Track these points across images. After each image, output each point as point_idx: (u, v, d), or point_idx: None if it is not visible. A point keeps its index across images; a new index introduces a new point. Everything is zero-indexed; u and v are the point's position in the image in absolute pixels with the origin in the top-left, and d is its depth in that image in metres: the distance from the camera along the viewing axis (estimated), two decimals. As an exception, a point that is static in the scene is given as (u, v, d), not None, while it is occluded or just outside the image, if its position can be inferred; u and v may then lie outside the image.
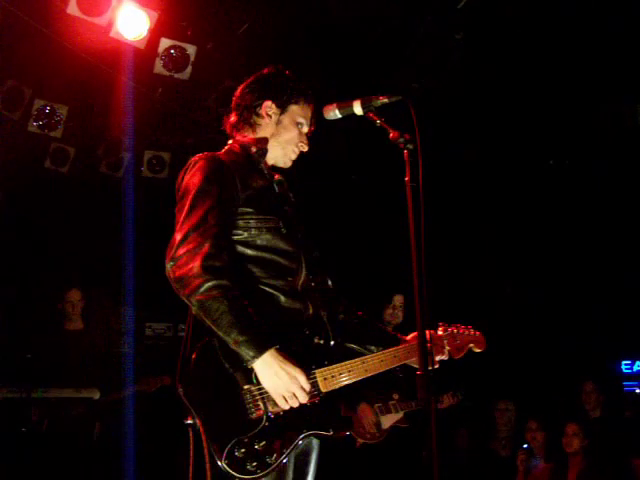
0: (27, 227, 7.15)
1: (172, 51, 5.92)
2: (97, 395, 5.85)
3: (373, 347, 3.03)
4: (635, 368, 8.36)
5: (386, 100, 2.71)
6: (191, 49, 5.96)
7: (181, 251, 2.59)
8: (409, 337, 3.09)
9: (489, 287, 8.09)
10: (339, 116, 2.82)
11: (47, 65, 6.05)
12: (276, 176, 3.01)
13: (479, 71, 6.19)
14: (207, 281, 2.53)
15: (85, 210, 7.28)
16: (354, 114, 2.77)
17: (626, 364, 8.41)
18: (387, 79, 6.05)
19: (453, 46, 5.86)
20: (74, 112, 6.68)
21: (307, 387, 2.58)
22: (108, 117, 6.70)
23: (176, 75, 6.04)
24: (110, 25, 5.51)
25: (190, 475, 2.58)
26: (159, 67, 5.98)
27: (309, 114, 3.06)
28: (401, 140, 2.57)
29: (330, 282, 3.02)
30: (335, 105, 2.82)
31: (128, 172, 7.22)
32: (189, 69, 6.02)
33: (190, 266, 2.55)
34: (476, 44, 5.88)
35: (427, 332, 2.46)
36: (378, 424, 5.55)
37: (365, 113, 2.74)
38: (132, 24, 5.52)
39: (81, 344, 6.16)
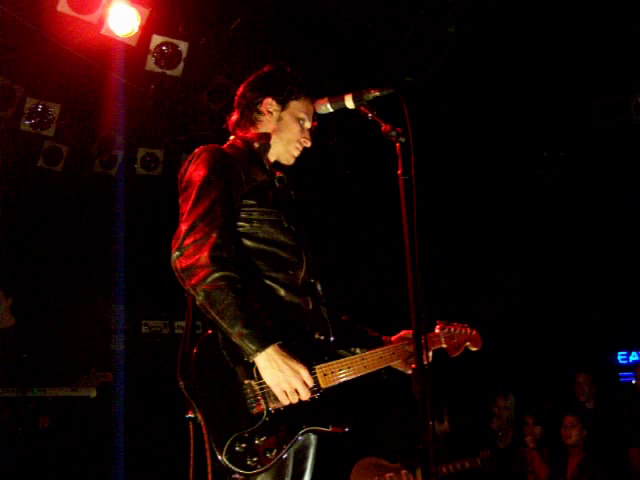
0: (20, 226, 7.12)
1: (164, 48, 5.90)
2: (94, 394, 5.85)
3: (358, 350, 3.02)
4: (631, 359, 8.39)
5: (377, 93, 2.70)
6: (183, 45, 5.94)
7: (188, 241, 2.58)
8: (394, 337, 3.12)
9: (484, 280, 8.09)
10: (331, 110, 2.81)
11: (38, 63, 6.03)
12: (277, 173, 3.01)
13: (472, 64, 6.19)
14: (215, 272, 2.52)
15: (79, 208, 7.26)
16: (346, 108, 2.76)
17: (622, 355, 8.44)
18: (380, 72, 6.05)
19: (445, 39, 5.85)
20: (66, 110, 6.66)
21: (310, 383, 2.58)
22: (100, 115, 6.67)
23: (168, 72, 6.02)
24: (101, 22, 5.49)
25: (191, 469, 2.57)
26: (151, 64, 5.96)
27: (311, 109, 3.04)
28: (393, 133, 2.56)
29: (320, 287, 2.97)
30: (327, 99, 2.81)
31: (121, 170, 7.20)
32: (181, 66, 6.00)
33: (198, 256, 2.54)
34: (468, 37, 5.88)
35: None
36: None
37: (357, 107, 2.72)
38: (123, 21, 5.50)
39: (10, 341, 6.11)
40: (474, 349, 3.32)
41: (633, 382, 7.56)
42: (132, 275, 6.99)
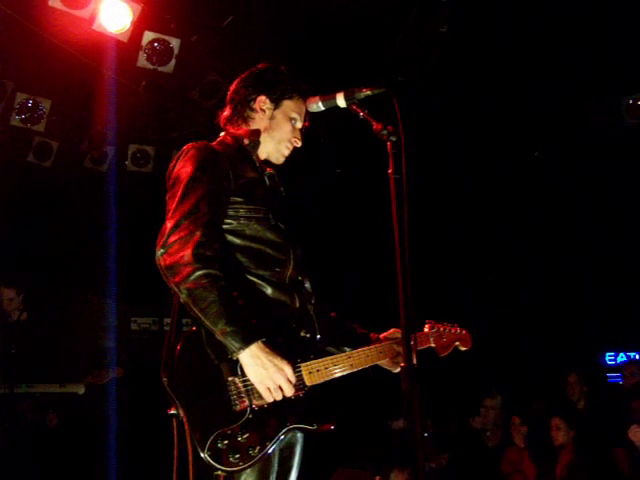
0: (8, 222, 7.08)
1: (155, 44, 5.88)
2: (82, 390, 5.82)
3: (347, 348, 3.02)
4: (619, 360, 8.44)
5: (369, 92, 2.70)
6: (175, 42, 5.93)
7: (172, 239, 2.58)
8: (382, 335, 3.13)
9: (474, 280, 8.11)
10: (322, 109, 2.82)
11: (29, 58, 6.00)
12: (268, 169, 3.01)
13: (464, 64, 6.20)
14: (198, 269, 2.52)
15: (69, 204, 7.23)
16: (337, 106, 2.76)
17: (610, 356, 8.49)
18: (372, 71, 6.05)
19: (438, 39, 5.86)
20: (57, 106, 6.63)
21: (293, 379, 2.58)
22: (91, 111, 6.65)
23: (160, 68, 6.00)
24: (93, 18, 5.47)
25: (175, 465, 2.57)
26: (142, 60, 5.94)
27: (303, 109, 3.05)
28: (384, 132, 2.56)
29: (308, 284, 2.98)
30: (318, 98, 2.81)
31: (112, 166, 7.17)
32: (173, 62, 5.99)
33: (181, 254, 2.54)
34: (460, 37, 5.89)
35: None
36: None
37: (348, 105, 2.72)
38: (115, 17, 5.48)
39: (22, 335, 6.10)
40: (463, 349, 3.35)
41: (621, 383, 7.61)
42: (122, 272, 6.97)
